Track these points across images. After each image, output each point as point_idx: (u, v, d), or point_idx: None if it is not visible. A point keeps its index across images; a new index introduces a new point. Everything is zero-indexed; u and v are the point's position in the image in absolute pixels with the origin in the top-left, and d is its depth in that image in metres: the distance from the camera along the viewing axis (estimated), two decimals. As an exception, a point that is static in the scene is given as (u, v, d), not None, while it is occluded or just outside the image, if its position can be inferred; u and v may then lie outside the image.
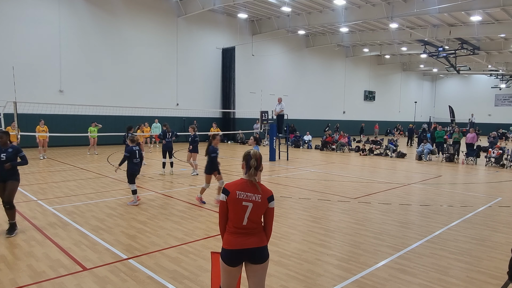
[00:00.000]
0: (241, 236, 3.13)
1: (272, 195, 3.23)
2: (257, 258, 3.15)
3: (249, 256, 3.14)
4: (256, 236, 3.16)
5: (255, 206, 3.13)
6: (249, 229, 3.14)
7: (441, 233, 6.61)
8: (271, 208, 3.22)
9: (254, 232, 3.15)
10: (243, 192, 3.15)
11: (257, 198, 3.15)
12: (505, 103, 48.75)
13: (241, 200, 3.12)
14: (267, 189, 3.25)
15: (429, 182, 12.34)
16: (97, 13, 21.99)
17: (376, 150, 21.26)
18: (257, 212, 3.15)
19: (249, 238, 3.13)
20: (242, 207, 3.12)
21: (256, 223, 3.16)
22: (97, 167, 13.96)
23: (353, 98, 41.87)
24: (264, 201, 3.16)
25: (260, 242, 3.16)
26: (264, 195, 3.17)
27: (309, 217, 7.60)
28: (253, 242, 3.13)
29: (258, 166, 3.22)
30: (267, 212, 3.21)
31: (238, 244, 3.11)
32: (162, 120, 21.74)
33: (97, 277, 4.62)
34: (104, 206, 8.17)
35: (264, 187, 3.25)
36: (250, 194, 3.14)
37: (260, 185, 3.22)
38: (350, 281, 4.63)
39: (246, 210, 3.12)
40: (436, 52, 29.90)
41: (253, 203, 3.13)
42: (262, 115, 18.66)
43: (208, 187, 8.63)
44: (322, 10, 25.65)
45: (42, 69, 20.04)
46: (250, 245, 3.11)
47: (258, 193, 3.16)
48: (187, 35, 26.32)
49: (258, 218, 3.18)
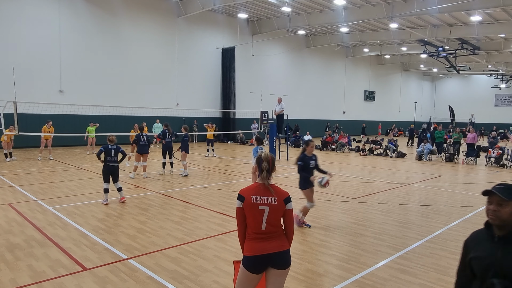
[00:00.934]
0: (262, 241, 3.07)
1: (289, 197, 3.16)
2: (281, 263, 3.08)
3: (272, 261, 3.07)
4: (277, 240, 3.09)
5: (271, 209, 3.08)
6: (269, 233, 3.08)
7: (441, 233, 6.61)
8: (289, 210, 3.15)
9: (275, 236, 3.09)
10: (258, 196, 3.10)
11: (273, 201, 3.10)
12: (505, 103, 48.74)
13: (257, 204, 3.08)
14: (283, 191, 3.18)
15: (429, 182, 12.33)
16: (97, 13, 21.99)
17: (376, 150, 21.26)
18: (274, 215, 3.09)
19: (271, 243, 3.07)
20: (259, 212, 3.08)
21: (275, 226, 3.10)
22: (97, 167, 13.94)
23: (353, 98, 41.86)
24: (281, 203, 3.10)
25: (282, 246, 3.10)
26: (280, 197, 3.12)
27: (309, 217, 7.59)
28: (275, 246, 3.06)
29: (270, 169, 3.17)
30: (286, 215, 3.15)
31: (260, 250, 3.05)
32: (162, 120, 21.80)
33: (97, 277, 4.62)
34: (104, 206, 8.17)
35: (279, 189, 3.19)
36: (266, 198, 3.10)
37: (274, 188, 3.16)
38: (350, 281, 4.63)
39: (263, 215, 3.07)
40: (436, 52, 29.90)
41: (270, 206, 3.08)
42: (262, 115, 18.66)
43: (313, 206, 6.88)
44: (322, 10, 25.64)
45: (42, 69, 20.04)
46: (272, 250, 3.05)
47: (273, 195, 3.11)
48: (187, 35, 26.32)
49: (277, 222, 3.12)
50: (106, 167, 8.28)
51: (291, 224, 3.18)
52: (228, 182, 11.67)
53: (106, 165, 8.27)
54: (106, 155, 8.24)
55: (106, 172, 8.29)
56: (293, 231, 3.23)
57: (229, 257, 5.30)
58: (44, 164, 14.40)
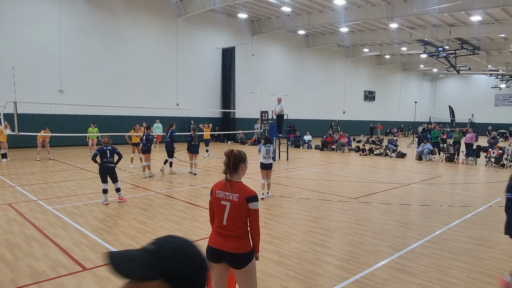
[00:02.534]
0: (221, 237, 3.11)
1: (253, 196, 3.08)
2: (234, 264, 3.10)
3: (227, 259, 3.11)
4: (236, 241, 3.07)
5: (232, 206, 3.06)
6: (230, 230, 3.08)
7: (441, 233, 6.61)
8: (252, 210, 3.07)
9: (234, 237, 3.07)
10: (222, 191, 3.15)
11: (234, 197, 3.07)
12: (505, 103, 48.73)
13: (220, 199, 3.13)
14: (248, 190, 3.12)
15: (429, 182, 12.33)
16: (97, 13, 21.99)
17: (376, 150, 21.26)
18: (236, 212, 3.06)
19: (229, 242, 3.07)
20: (221, 206, 3.11)
21: (237, 225, 3.08)
22: (97, 167, 13.92)
23: (353, 98, 41.86)
24: (242, 201, 3.05)
25: (238, 248, 3.06)
26: (242, 195, 3.07)
27: (309, 217, 7.60)
28: (231, 247, 3.06)
29: (230, 165, 3.13)
30: (249, 215, 3.08)
31: (217, 244, 3.11)
32: (163, 120, 21.81)
33: (97, 277, 4.62)
34: (104, 206, 8.17)
35: (243, 187, 3.15)
36: (228, 194, 3.11)
37: (234, 184, 3.13)
38: (350, 281, 4.62)
39: (225, 210, 3.09)
40: (436, 52, 29.88)
41: (230, 202, 3.07)
42: (262, 115, 18.65)
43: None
44: (322, 10, 25.64)
45: (42, 69, 20.03)
46: (227, 249, 3.06)
47: (235, 192, 3.09)
48: (187, 35, 26.32)
49: (238, 220, 3.08)
50: (101, 167, 8.31)
51: (254, 225, 3.12)
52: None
53: (102, 166, 8.31)
54: (102, 156, 8.29)
55: (102, 172, 8.31)
56: (259, 234, 3.17)
57: (229, 257, 5.30)
58: (44, 164, 14.40)
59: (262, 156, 9.26)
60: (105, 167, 8.29)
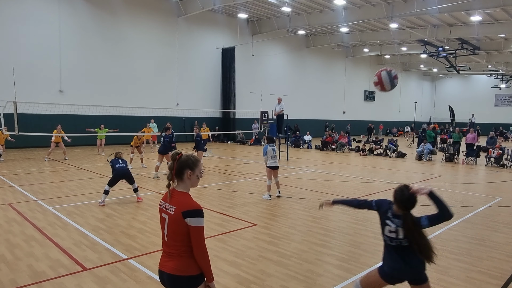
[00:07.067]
0: (164, 255, 2.69)
1: (193, 210, 2.51)
2: (168, 286, 2.64)
3: (166, 282, 2.65)
4: (178, 261, 2.57)
5: (169, 219, 2.59)
6: (171, 247, 2.60)
7: (441, 233, 6.61)
8: (192, 227, 2.49)
9: (175, 256, 2.58)
10: (163, 202, 2.69)
11: (171, 210, 2.58)
12: (505, 103, 48.74)
13: (162, 210, 2.70)
14: (188, 202, 2.56)
15: (429, 182, 12.33)
16: (97, 13, 21.99)
17: (376, 150, 21.26)
18: (173, 228, 2.56)
19: (169, 261, 2.61)
20: (162, 219, 2.69)
21: (177, 244, 2.57)
22: (97, 167, 13.96)
23: (353, 98, 41.87)
24: (178, 215, 2.51)
25: (178, 269, 2.55)
26: (179, 208, 2.53)
27: (309, 217, 7.60)
28: (168, 267, 2.59)
29: (173, 169, 2.63)
30: (190, 232, 2.51)
31: (160, 264, 2.69)
32: (163, 120, 21.76)
33: (97, 277, 4.62)
34: (104, 206, 8.17)
35: (185, 198, 2.59)
36: (167, 205, 2.63)
37: (176, 194, 2.61)
38: (350, 281, 4.62)
39: (165, 223, 2.64)
40: (436, 52, 29.90)
41: (168, 215, 2.60)
42: (262, 115, 18.65)
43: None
44: (322, 10, 25.65)
45: (42, 69, 20.03)
46: (165, 269, 2.62)
47: (172, 204, 2.59)
48: (187, 35, 26.32)
49: (177, 237, 2.56)
50: (116, 171, 8.32)
51: (197, 246, 2.53)
52: (228, 182, 11.67)
53: (117, 170, 8.34)
54: (114, 162, 8.48)
55: (117, 176, 8.32)
56: (207, 257, 2.57)
57: (229, 257, 5.30)
58: (44, 164, 14.41)
59: (270, 156, 9.22)
60: (120, 171, 8.34)
